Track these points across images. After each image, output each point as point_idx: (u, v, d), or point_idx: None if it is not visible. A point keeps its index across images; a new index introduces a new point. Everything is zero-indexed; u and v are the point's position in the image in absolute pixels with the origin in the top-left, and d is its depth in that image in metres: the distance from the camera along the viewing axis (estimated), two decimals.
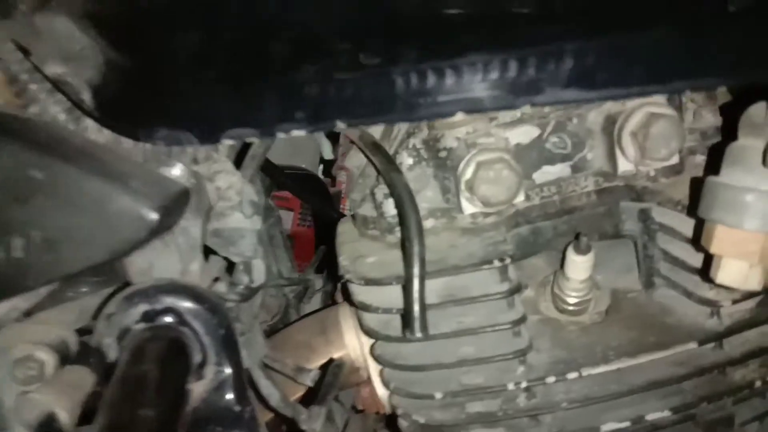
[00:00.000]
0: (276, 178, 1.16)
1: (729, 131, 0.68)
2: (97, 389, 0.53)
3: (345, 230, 0.80)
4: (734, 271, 0.51)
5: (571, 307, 0.75)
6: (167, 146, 0.51)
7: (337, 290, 1.01)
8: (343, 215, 0.97)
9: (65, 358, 0.59)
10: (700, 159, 0.71)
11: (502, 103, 0.51)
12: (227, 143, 0.51)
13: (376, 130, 0.77)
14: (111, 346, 0.59)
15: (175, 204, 0.49)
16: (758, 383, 0.67)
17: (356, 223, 0.78)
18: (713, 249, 0.52)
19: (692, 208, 0.59)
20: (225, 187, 0.62)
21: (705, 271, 0.57)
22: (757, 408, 0.71)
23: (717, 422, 0.69)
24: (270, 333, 0.91)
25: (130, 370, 0.50)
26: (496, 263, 0.64)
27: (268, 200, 1.02)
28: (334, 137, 1.02)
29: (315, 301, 1.10)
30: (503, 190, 0.64)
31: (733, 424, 0.70)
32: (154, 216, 0.43)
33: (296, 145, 1.34)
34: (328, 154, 0.99)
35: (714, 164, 0.56)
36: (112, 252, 0.45)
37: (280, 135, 0.50)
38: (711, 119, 0.72)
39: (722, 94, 0.72)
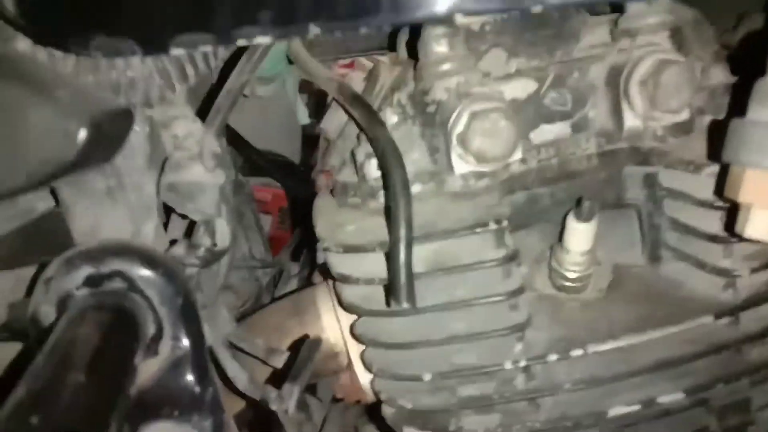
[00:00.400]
0: (250, 160, 1.09)
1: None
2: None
3: (323, 203, 0.72)
4: (765, 222, 0.45)
5: (570, 283, 0.68)
6: (105, 57, 0.43)
7: (314, 274, 0.94)
8: None
9: None
10: (709, 120, 0.65)
11: (510, 3, 0.44)
12: (176, 53, 0.43)
13: (358, 83, 0.70)
14: (49, 314, 0.51)
15: (113, 125, 0.41)
16: None
17: (335, 193, 0.71)
18: (741, 197, 0.46)
19: (713, 157, 0.53)
20: (183, 135, 0.54)
21: (729, 228, 0.51)
22: None
23: (731, 407, 0.63)
24: (240, 319, 0.83)
25: (65, 335, 0.42)
26: (492, 225, 0.58)
27: (238, 175, 0.94)
28: (313, 100, 0.95)
29: (290, 288, 1.02)
30: (500, 143, 0.57)
31: (749, 409, 0.63)
32: (82, 133, 0.36)
33: (276, 130, 1.27)
34: (304, 119, 0.92)
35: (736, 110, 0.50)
36: (34, 175, 0.37)
37: (240, 42, 0.42)
38: (721, 77, 0.66)
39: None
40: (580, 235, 0.64)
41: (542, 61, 0.63)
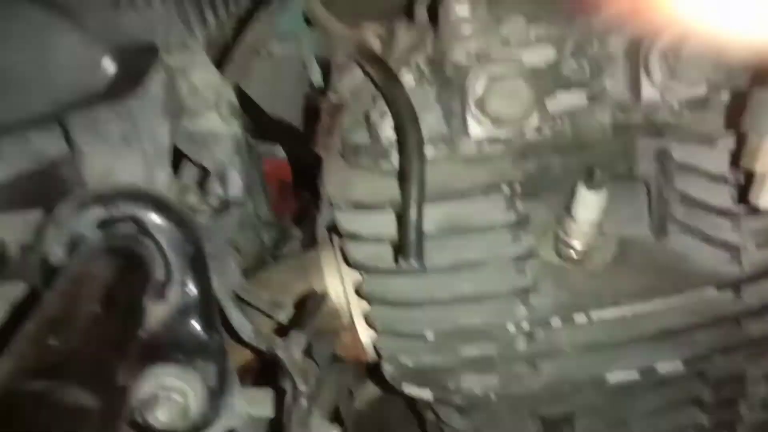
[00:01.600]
0: (258, 123, 1.08)
1: None
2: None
3: (333, 164, 0.72)
4: None
5: (575, 254, 0.68)
6: None
7: (319, 239, 0.94)
8: None
9: None
10: (725, 97, 0.65)
11: None
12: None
13: (374, 45, 0.70)
14: (59, 254, 0.51)
15: (139, 60, 0.41)
16: None
17: (345, 154, 0.71)
18: (759, 166, 0.46)
19: (731, 127, 0.53)
20: (200, 83, 0.54)
21: (742, 200, 0.51)
22: (767, 368, 0.66)
23: (726, 380, 0.64)
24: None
25: (78, 272, 0.42)
26: (505, 189, 0.58)
27: (248, 136, 0.93)
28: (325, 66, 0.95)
29: (293, 251, 1.02)
30: (517, 106, 0.57)
31: (743, 383, 0.65)
32: (108, 63, 0.35)
33: (286, 94, 1.26)
34: (318, 81, 0.92)
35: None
36: (58, 102, 0.37)
37: None
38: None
39: None
40: (589, 204, 0.64)
41: (562, 29, 0.63)
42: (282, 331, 0.64)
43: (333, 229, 0.68)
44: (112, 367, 0.31)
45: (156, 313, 0.53)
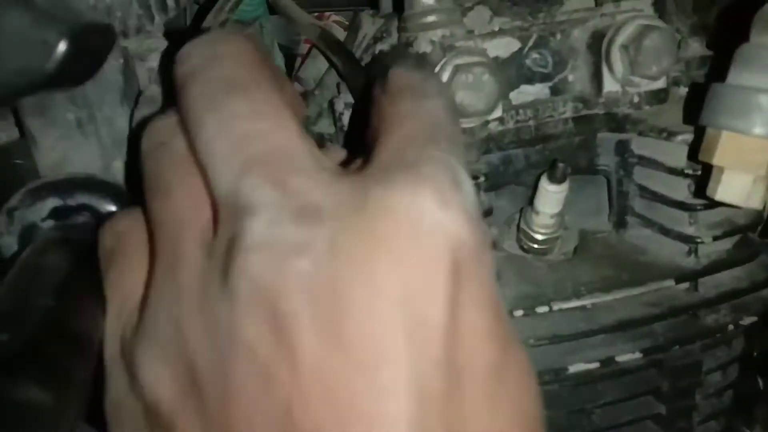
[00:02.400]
0: None
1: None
2: None
3: None
4: (737, 185, 0.47)
5: (537, 245, 0.69)
6: None
7: None
8: None
9: None
10: (684, 91, 0.67)
11: None
12: None
13: (339, 34, 0.69)
14: (10, 245, 0.49)
15: (94, 41, 0.39)
16: (731, 327, 0.63)
17: None
18: (716, 160, 0.47)
19: (688, 121, 0.55)
20: (159, 69, 0.52)
21: (699, 193, 0.52)
22: (721, 357, 0.68)
23: (683, 369, 0.65)
24: None
25: (32, 263, 0.41)
26: None
27: None
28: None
29: None
30: (482, 98, 0.57)
31: (699, 372, 0.66)
32: (61, 44, 0.34)
33: None
34: (281, 67, 0.91)
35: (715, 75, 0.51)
36: (6, 86, 0.36)
37: None
38: (698, 49, 0.67)
39: None
40: (551, 196, 0.65)
41: (525, 21, 0.63)
42: None
43: None
44: (67, 363, 0.30)
45: None
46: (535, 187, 0.68)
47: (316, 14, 0.80)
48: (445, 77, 0.57)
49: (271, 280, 0.26)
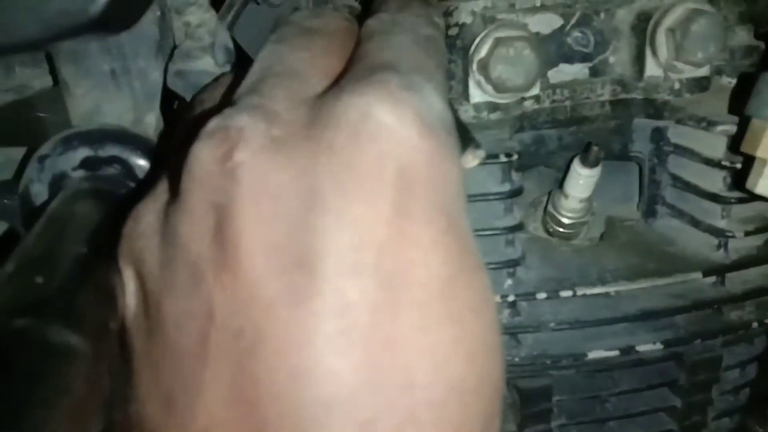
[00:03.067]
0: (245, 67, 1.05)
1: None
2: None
3: None
4: None
5: (563, 230, 0.68)
6: None
7: None
8: None
9: None
10: (725, 80, 0.65)
11: None
12: None
13: None
14: (41, 193, 0.49)
15: None
16: (755, 324, 0.62)
17: None
18: (760, 152, 0.46)
19: (732, 112, 0.53)
20: (195, 24, 0.52)
21: (737, 185, 0.51)
22: (742, 355, 0.67)
23: (702, 364, 0.65)
24: None
25: (62, 211, 0.41)
26: (502, 158, 0.57)
27: None
28: None
29: None
30: (521, 73, 0.56)
31: (719, 368, 0.65)
32: None
33: None
34: None
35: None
36: (48, 26, 0.35)
37: None
38: (745, 38, 0.65)
39: None
40: (582, 180, 0.64)
41: None
42: None
43: None
44: (101, 310, 0.30)
45: None
46: (566, 170, 0.67)
47: None
48: (484, 50, 0.56)
49: (211, 169, 0.26)
